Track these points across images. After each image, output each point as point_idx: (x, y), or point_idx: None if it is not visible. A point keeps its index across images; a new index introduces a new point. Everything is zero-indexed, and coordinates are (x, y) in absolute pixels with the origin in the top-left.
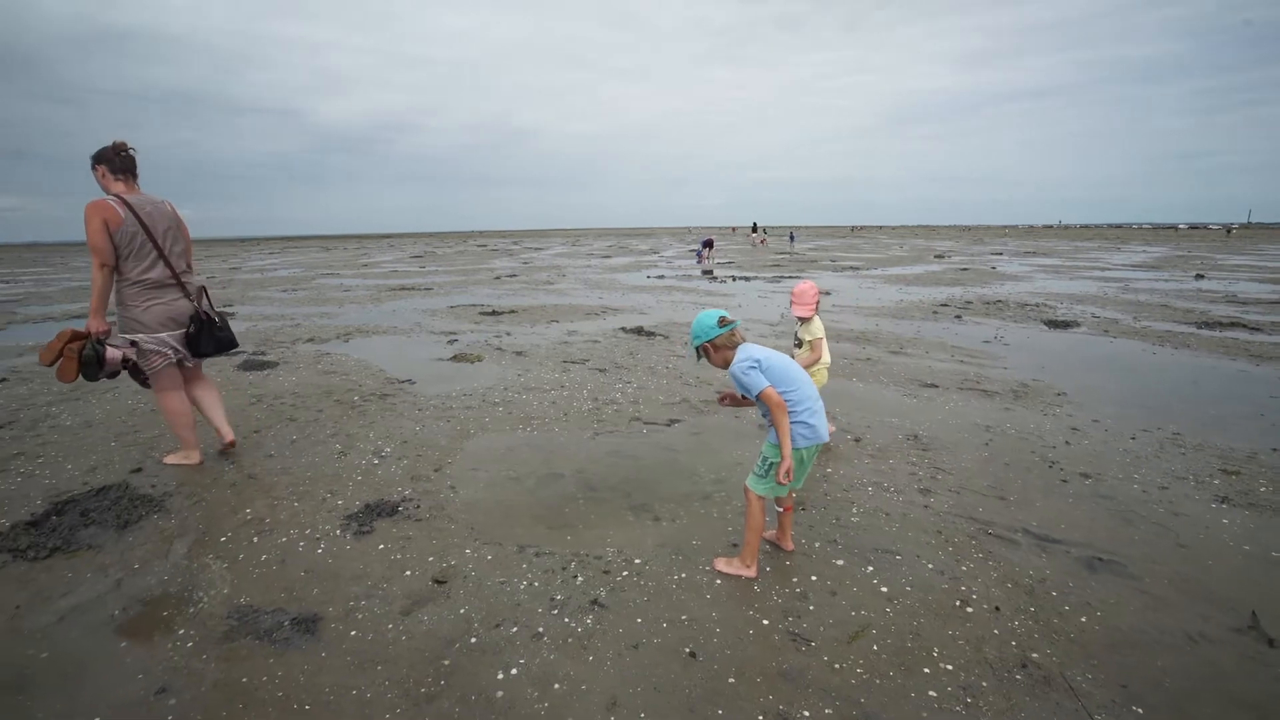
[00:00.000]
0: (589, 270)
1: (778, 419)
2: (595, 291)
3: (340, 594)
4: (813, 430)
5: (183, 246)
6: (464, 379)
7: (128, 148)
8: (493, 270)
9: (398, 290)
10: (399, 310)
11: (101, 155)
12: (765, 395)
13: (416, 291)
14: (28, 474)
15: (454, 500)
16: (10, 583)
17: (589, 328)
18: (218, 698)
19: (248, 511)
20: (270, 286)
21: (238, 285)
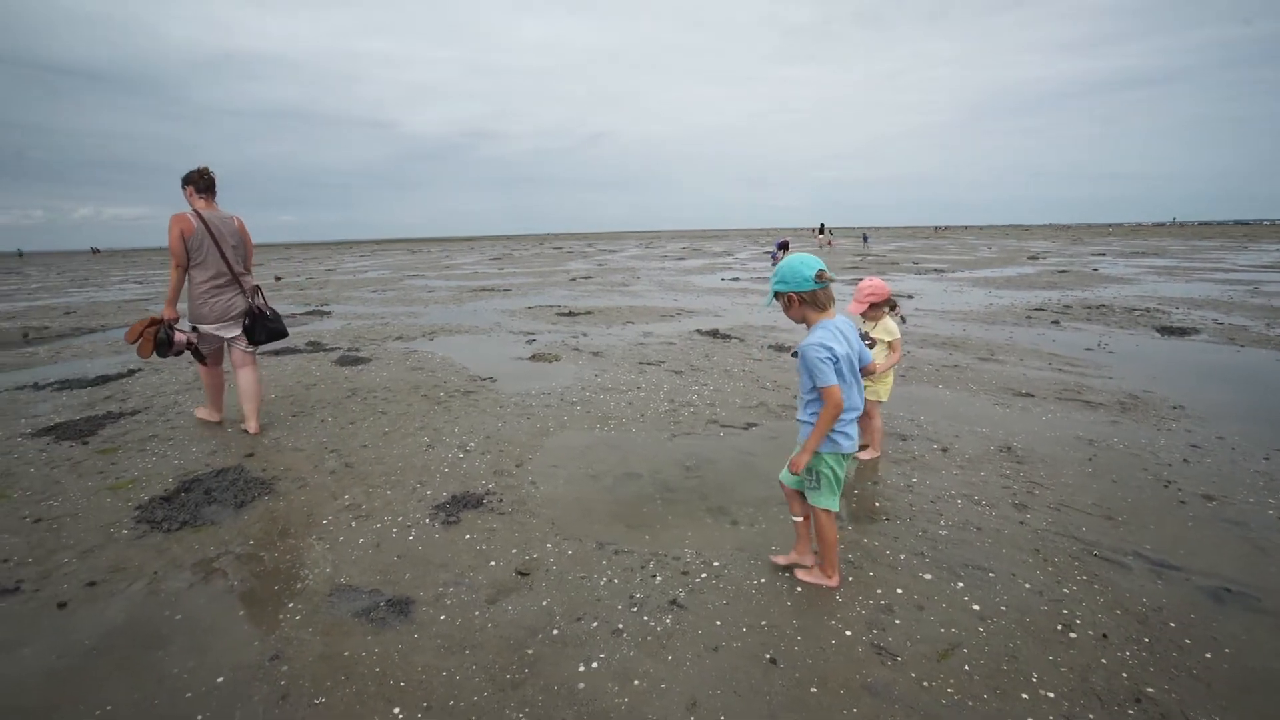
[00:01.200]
0: (663, 272)
1: (824, 419)
2: (670, 294)
3: (430, 580)
4: (850, 440)
5: (243, 254)
6: (542, 378)
7: (209, 172)
8: (568, 272)
9: (478, 291)
10: (479, 310)
11: (189, 177)
12: (829, 393)
13: (496, 292)
14: (161, 454)
15: (535, 495)
16: (149, 550)
17: (664, 329)
18: (323, 669)
19: (346, 498)
20: (362, 287)
21: (333, 286)
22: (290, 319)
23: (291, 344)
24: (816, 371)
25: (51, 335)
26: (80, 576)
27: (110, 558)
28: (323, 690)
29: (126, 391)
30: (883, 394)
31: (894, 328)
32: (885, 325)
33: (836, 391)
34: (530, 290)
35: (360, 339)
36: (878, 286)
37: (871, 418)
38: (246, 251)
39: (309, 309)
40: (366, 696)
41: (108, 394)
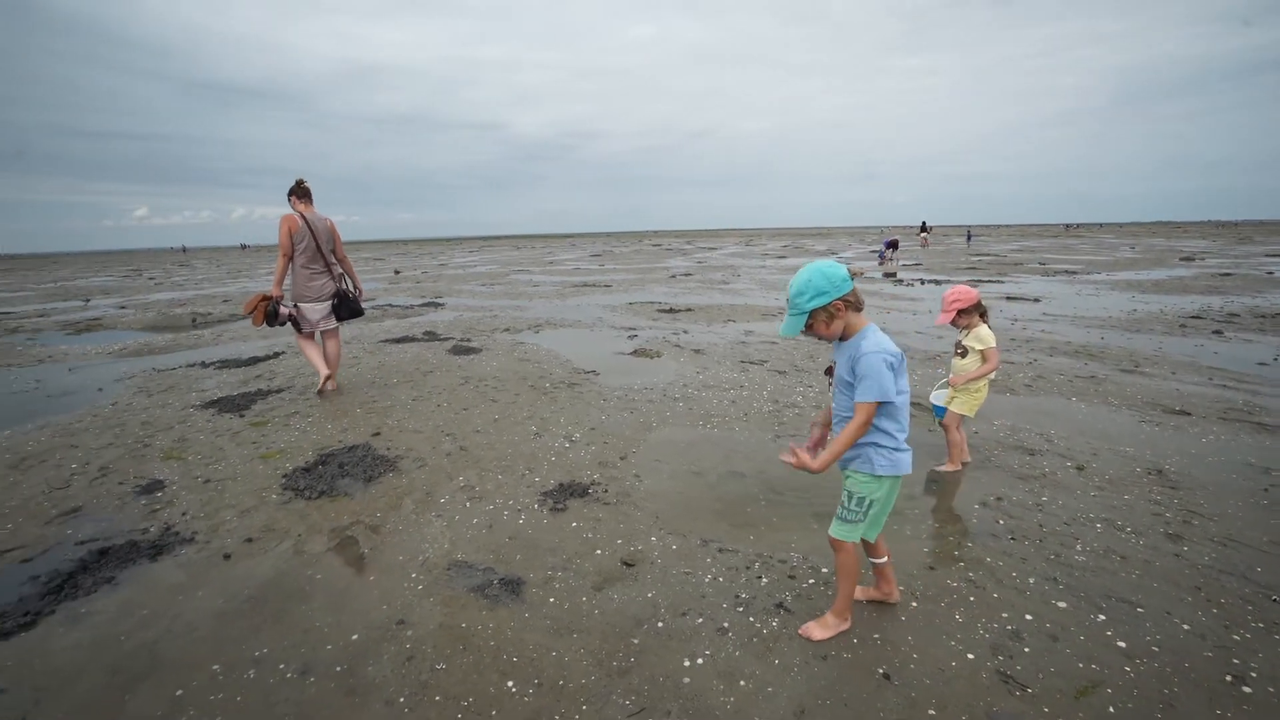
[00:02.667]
0: (763, 270)
1: (855, 430)
2: (771, 292)
3: (539, 562)
4: (907, 459)
5: (332, 247)
6: (644, 373)
7: (305, 182)
8: (668, 269)
9: (580, 287)
10: (582, 305)
11: (293, 189)
12: (867, 408)
13: (597, 288)
14: (302, 430)
15: (639, 489)
16: (293, 517)
17: (766, 328)
18: (443, 637)
19: (461, 479)
20: (471, 281)
21: (445, 280)
22: (408, 310)
23: (410, 333)
24: (878, 379)
25: (213, 320)
26: (240, 533)
27: (263, 518)
28: (443, 657)
29: (273, 372)
30: (969, 408)
31: (988, 335)
32: (978, 333)
33: (874, 410)
34: (630, 287)
35: (471, 330)
36: (963, 292)
37: (950, 430)
38: (336, 245)
39: (424, 301)
40: (482, 668)
41: (258, 374)
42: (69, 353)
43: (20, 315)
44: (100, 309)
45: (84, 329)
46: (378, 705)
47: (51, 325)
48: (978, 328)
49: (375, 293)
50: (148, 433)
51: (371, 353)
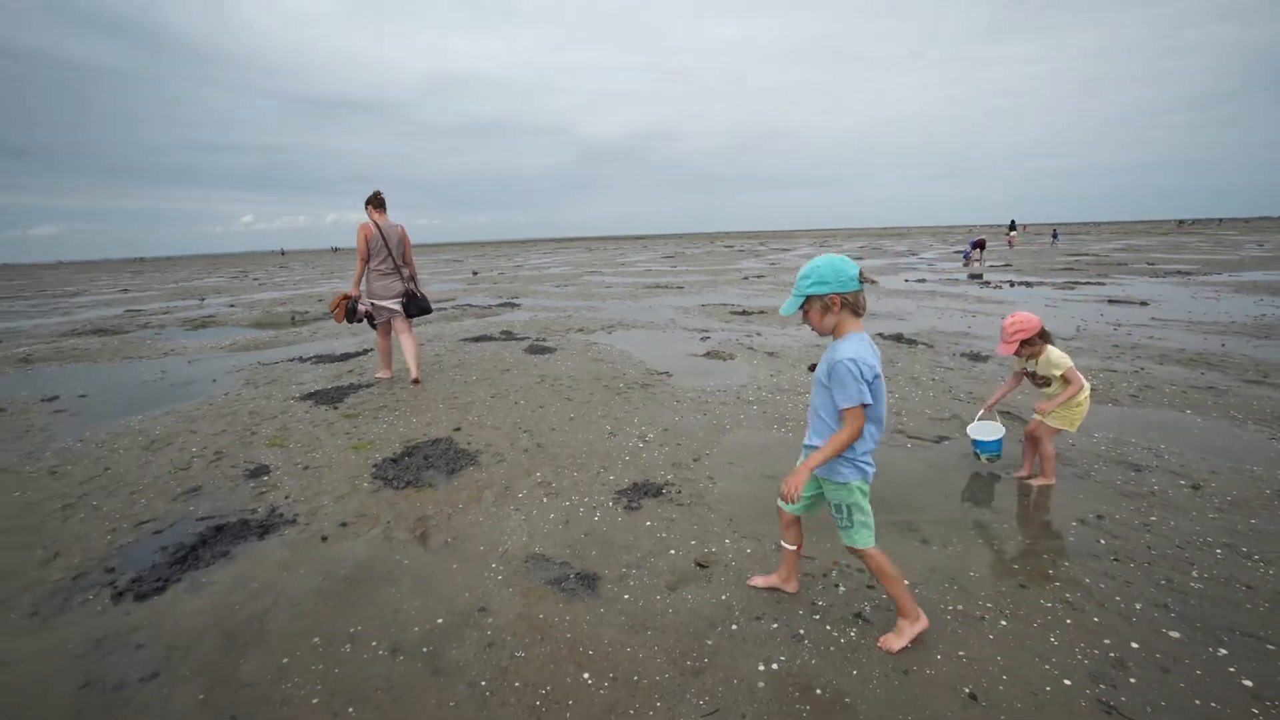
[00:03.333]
0: None
1: (841, 440)
2: None
3: (614, 559)
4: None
5: (403, 251)
6: (718, 375)
7: (380, 194)
8: (740, 271)
9: (652, 288)
10: (654, 307)
11: (370, 199)
12: (854, 414)
13: (669, 290)
14: (389, 423)
15: (712, 490)
16: (382, 505)
17: None
18: (522, 626)
19: (538, 475)
20: (546, 282)
21: (521, 281)
22: (486, 310)
23: (488, 332)
24: (845, 388)
25: (309, 319)
26: (335, 517)
27: (356, 505)
28: (522, 645)
29: (363, 368)
30: (1070, 422)
31: (1061, 357)
32: (1050, 359)
33: (861, 414)
34: (703, 288)
35: (546, 330)
36: (1024, 320)
37: (1042, 442)
38: (406, 250)
39: (501, 301)
40: (559, 658)
41: (349, 369)
42: (188, 347)
43: (149, 313)
44: (213, 307)
45: (200, 325)
46: (461, 686)
47: (174, 322)
48: (1046, 353)
49: (454, 293)
50: (254, 421)
51: (452, 351)
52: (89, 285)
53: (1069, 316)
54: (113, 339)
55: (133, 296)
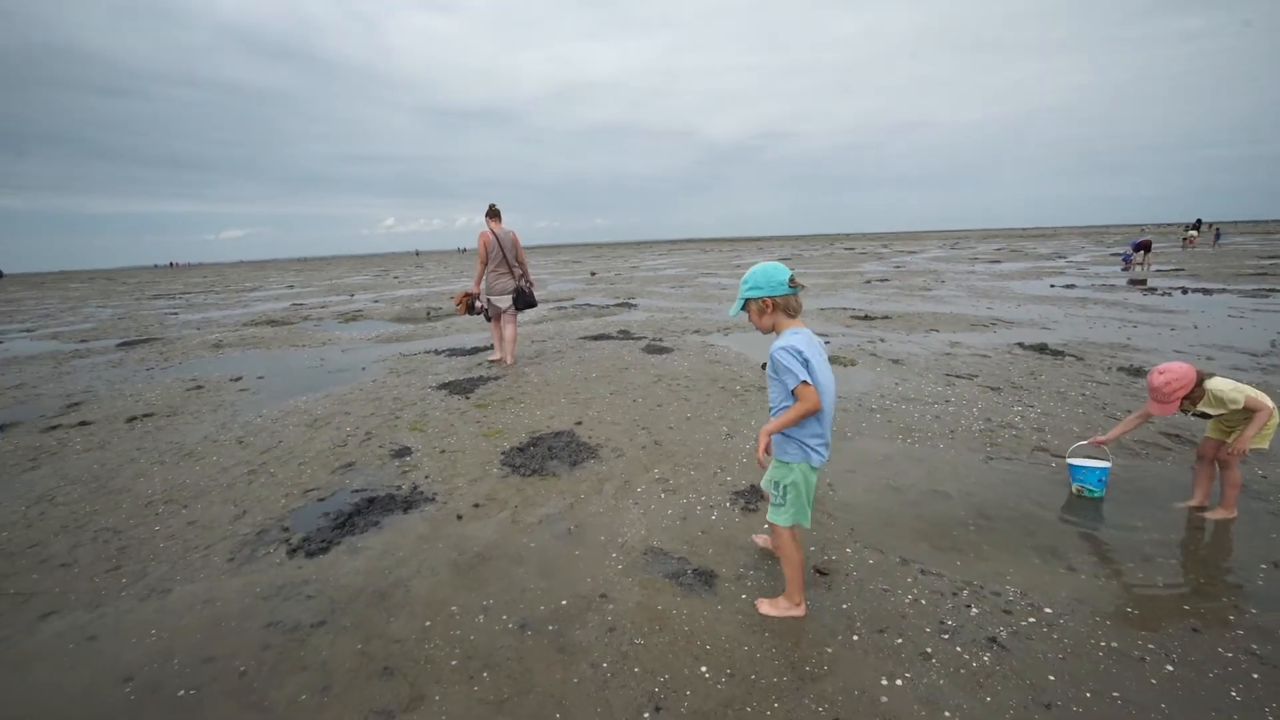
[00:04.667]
0: (973, 276)
1: (795, 412)
2: (982, 300)
3: (731, 559)
4: (823, 453)
5: (515, 254)
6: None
7: (495, 206)
8: (862, 274)
9: None
10: None
11: (488, 211)
12: (803, 391)
13: None
14: (515, 414)
15: (832, 498)
16: (510, 490)
17: (975, 340)
18: (640, 615)
19: (656, 471)
20: (661, 283)
21: (637, 282)
22: (603, 310)
23: (606, 331)
24: (786, 372)
25: (443, 315)
26: (469, 498)
27: (486, 488)
28: (641, 633)
29: (491, 362)
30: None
31: (1234, 389)
32: (1219, 395)
33: (811, 390)
34: (822, 292)
35: (663, 330)
36: (1178, 374)
37: (1229, 469)
38: (518, 252)
39: (618, 301)
40: (677, 649)
41: (478, 362)
42: (341, 338)
43: (309, 307)
44: (361, 302)
45: (351, 319)
46: (584, 666)
47: (329, 315)
48: (1209, 391)
49: (573, 292)
50: (398, 406)
51: (572, 348)
52: (263, 282)
53: (1260, 329)
54: (282, 329)
55: (296, 292)
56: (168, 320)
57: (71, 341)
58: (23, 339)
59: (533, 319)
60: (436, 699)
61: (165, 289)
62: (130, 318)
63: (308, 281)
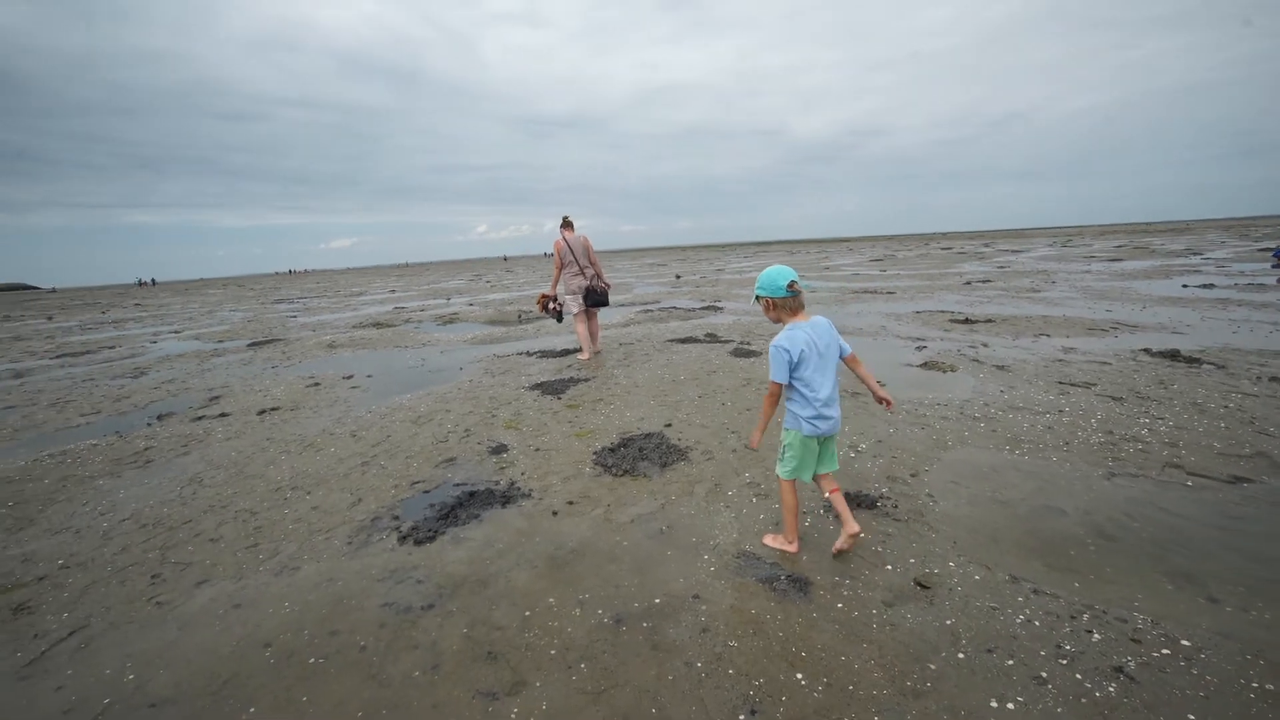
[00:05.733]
0: (1088, 276)
1: (764, 410)
2: (1099, 302)
3: (826, 567)
4: (816, 426)
5: (587, 258)
6: (936, 387)
7: (568, 217)
8: (961, 275)
9: (859, 293)
10: (862, 313)
11: (562, 223)
12: (771, 386)
13: (878, 295)
14: (605, 415)
15: (933, 509)
16: (603, 489)
17: (1093, 345)
18: (735, 618)
19: (747, 475)
20: (747, 286)
21: (723, 285)
22: (690, 313)
23: (693, 334)
24: (772, 364)
25: (533, 318)
26: (563, 496)
27: (580, 487)
28: (735, 636)
29: (579, 364)
30: None
31: None
32: None
33: (776, 388)
34: (917, 294)
35: (750, 334)
36: None
37: None
38: (590, 254)
39: (704, 305)
40: (772, 654)
41: (568, 364)
42: (439, 339)
43: (409, 310)
44: (457, 306)
45: (448, 321)
46: (679, 664)
47: (428, 318)
48: None
49: (659, 295)
50: (494, 405)
51: (660, 351)
52: (367, 286)
53: None
54: (386, 331)
55: (398, 296)
56: (289, 323)
57: (210, 341)
58: (172, 339)
59: (619, 321)
60: (537, 685)
61: (285, 294)
62: (257, 320)
63: (407, 286)
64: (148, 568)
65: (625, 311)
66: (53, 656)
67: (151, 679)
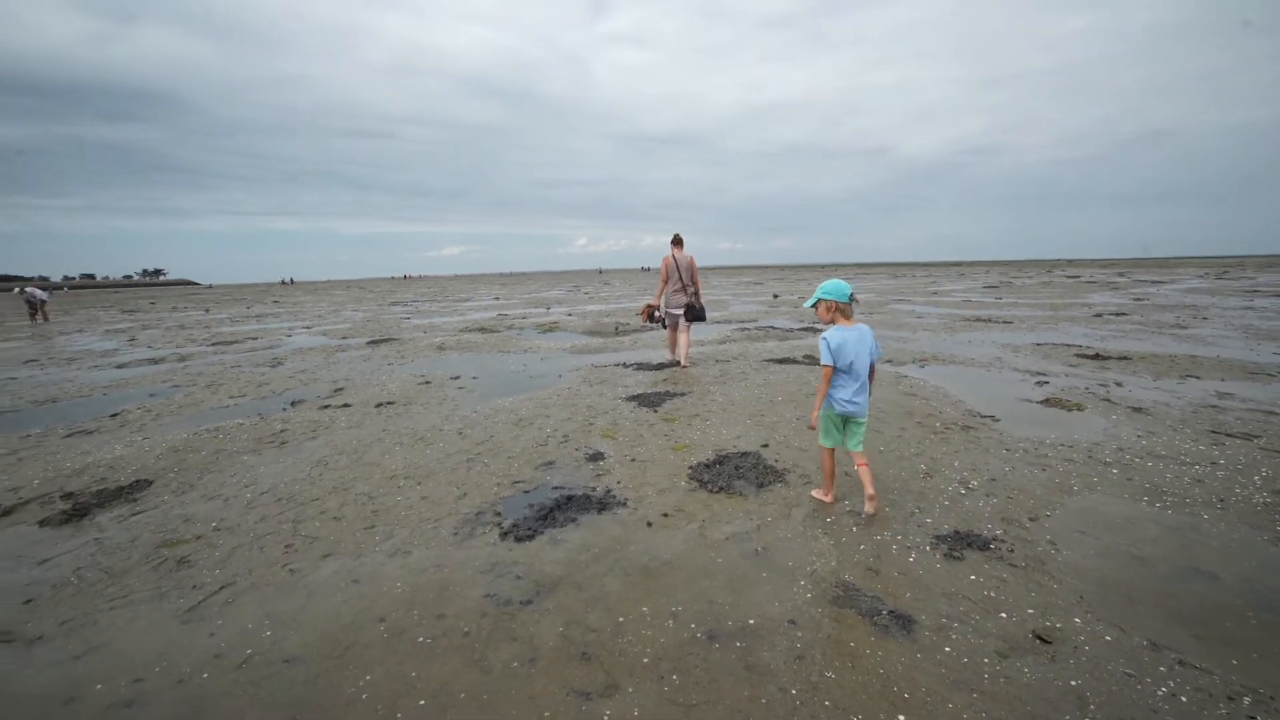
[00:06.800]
0: (1250, 314)
1: (821, 386)
2: (1265, 343)
3: (931, 607)
4: (844, 406)
5: (690, 275)
6: (1059, 426)
7: (679, 235)
8: (1090, 305)
9: (972, 321)
10: (974, 341)
11: (673, 239)
12: (824, 372)
13: (993, 324)
14: (702, 431)
15: (1055, 558)
16: (697, 504)
17: (1256, 393)
18: (832, 648)
19: (846, 503)
20: None
21: None
22: (787, 333)
23: (790, 355)
24: (821, 351)
25: (629, 330)
26: (658, 507)
27: (674, 500)
28: (832, 667)
29: (675, 378)
30: None
31: None
32: None
33: (827, 370)
34: (1038, 324)
35: None
36: None
37: None
38: (693, 274)
39: (802, 325)
40: (871, 691)
41: (664, 377)
42: (540, 346)
43: (511, 317)
44: (556, 315)
45: (548, 329)
46: (772, 688)
47: (529, 325)
48: None
49: (756, 314)
50: (591, 414)
51: (757, 370)
52: (473, 293)
53: None
54: (490, 336)
55: (501, 303)
56: (402, 324)
57: (335, 338)
58: (304, 334)
59: (715, 339)
60: (630, 691)
61: (399, 297)
62: (375, 320)
63: (510, 294)
64: (282, 538)
65: (721, 329)
66: (207, 606)
67: (285, 638)
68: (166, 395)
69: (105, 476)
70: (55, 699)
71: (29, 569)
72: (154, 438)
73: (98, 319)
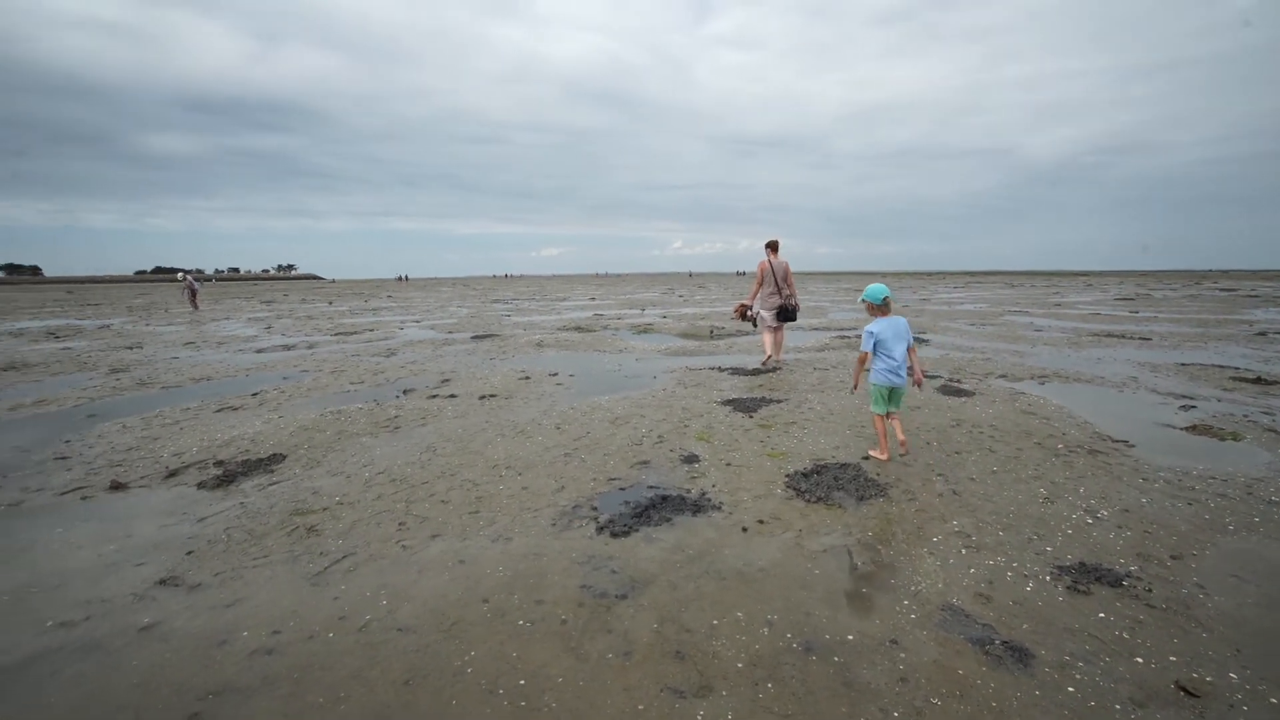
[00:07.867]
0: None
1: (858, 363)
2: None
3: (1053, 642)
4: (888, 378)
5: (784, 279)
6: (1209, 457)
7: (776, 240)
8: (1250, 323)
9: (1100, 336)
10: (1104, 359)
11: (767, 244)
12: (861, 356)
13: (1128, 340)
14: (799, 439)
15: (1204, 603)
16: (794, 513)
17: None
18: (938, 675)
19: (955, 523)
20: (958, 319)
21: (928, 315)
22: None
23: None
24: (863, 341)
25: (725, 334)
26: (753, 513)
27: (771, 507)
28: (938, 694)
29: (774, 385)
30: None
31: None
32: None
33: (865, 356)
34: (1182, 341)
35: (960, 370)
36: None
37: None
38: (788, 278)
39: None
40: None
41: (760, 383)
42: (635, 347)
43: (607, 318)
44: (651, 317)
45: (643, 330)
46: (873, 709)
47: (624, 326)
48: None
49: (855, 322)
50: (686, 416)
51: None
52: (570, 293)
53: None
54: (587, 335)
55: (597, 304)
56: (504, 320)
57: (442, 332)
58: (415, 327)
59: (813, 345)
60: (723, 694)
61: (501, 295)
62: (478, 316)
63: (605, 295)
64: (395, 516)
65: (820, 336)
66: (332, 572)
67: (399, 608)
68: (297, 379)
69: (248, 449)
70: (211, 640)
71: (190, 525)
72: (287, 416)
73: (240, 308)
